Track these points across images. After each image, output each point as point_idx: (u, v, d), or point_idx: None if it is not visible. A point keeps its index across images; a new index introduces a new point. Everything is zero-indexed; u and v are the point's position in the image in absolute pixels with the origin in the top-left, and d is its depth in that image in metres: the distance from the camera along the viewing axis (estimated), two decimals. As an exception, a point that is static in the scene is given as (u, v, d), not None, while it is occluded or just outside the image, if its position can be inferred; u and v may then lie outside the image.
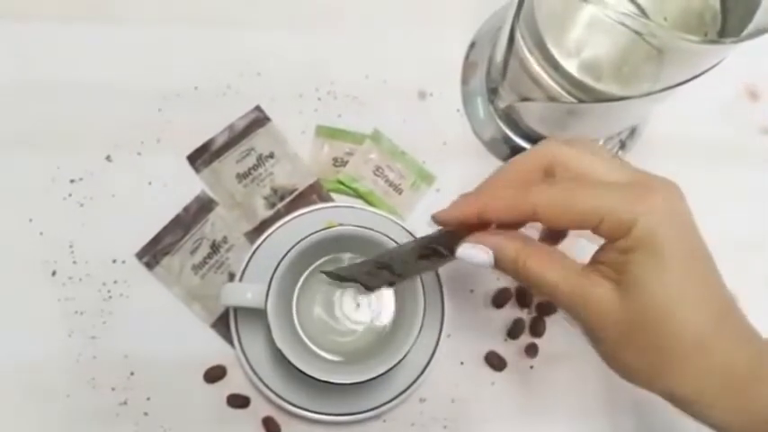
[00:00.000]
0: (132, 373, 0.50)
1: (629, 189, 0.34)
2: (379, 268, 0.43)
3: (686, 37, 0.34)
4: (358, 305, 0.49)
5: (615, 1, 0.41)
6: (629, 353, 0.34)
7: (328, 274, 0.46)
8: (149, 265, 0.51)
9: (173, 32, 0.55)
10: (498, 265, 0.37)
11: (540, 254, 0.36)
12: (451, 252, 0.38)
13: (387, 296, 0.49)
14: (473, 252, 0.37)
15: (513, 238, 0.37)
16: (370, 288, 0.46)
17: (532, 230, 0.41)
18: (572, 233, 0.42)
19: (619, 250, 0.33)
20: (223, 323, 0.50)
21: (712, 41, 0.37)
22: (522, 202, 0.35)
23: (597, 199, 0.33)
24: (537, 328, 0.52)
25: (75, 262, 0.51)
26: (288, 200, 0.52)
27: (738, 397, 0.33)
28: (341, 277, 0.46)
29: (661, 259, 0.32)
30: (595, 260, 0.36)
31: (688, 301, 0.33)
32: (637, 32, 0.37)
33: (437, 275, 0.49)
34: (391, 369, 0.44)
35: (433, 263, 0.41)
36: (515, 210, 0.35)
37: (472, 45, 0.57)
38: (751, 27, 0.36)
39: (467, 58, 0.56)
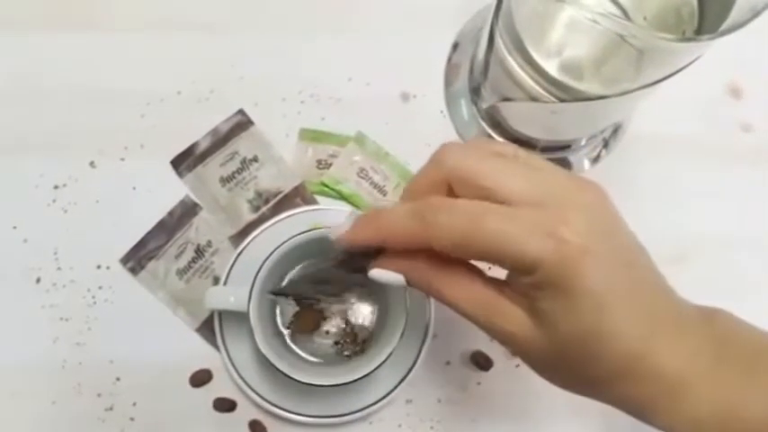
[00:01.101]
0: (118, 379, 0.49)
1: (535, 219, 0.29)
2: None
3: (663, 36, 0.35)
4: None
5: (595, 1, 0.41)
6: (557, 376, 0.33)
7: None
8: (134, 271, 0.50)
9: (155, 38, 0.55)
10: (413, 286, 0.34)
11: (452, 281, 0.33)
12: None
13: (370, 298, 0.49)
14: (385, 275, 0.34)
15: (422, 260, 0.33)
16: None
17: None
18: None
19: (526, 285, 0.31)
20: (208, 327, 0.50)
21: (689, 39, 0.37)
22: (421, 237, 0.31)
23: (497, 237, 0.29)
24: (523, 328, 0.52)
25: (59, 268, 0.51)
26: (272, 203, 0.52)
27: (680, 404, 0.31)
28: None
29: (571, 299, 0.29)
30: (509, 282, 0.33)
31: (610, 332, 0.30)
32: (615, 33, 0.37)
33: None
34: (375, 370, 0.44)
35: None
36: (416, 244, 0.32)
37: (455, 46, 0.57)
38: (727, 23, 0.37)
39: (449, 59, 0.56)
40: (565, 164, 0.55)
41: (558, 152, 0.54)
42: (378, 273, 0.34)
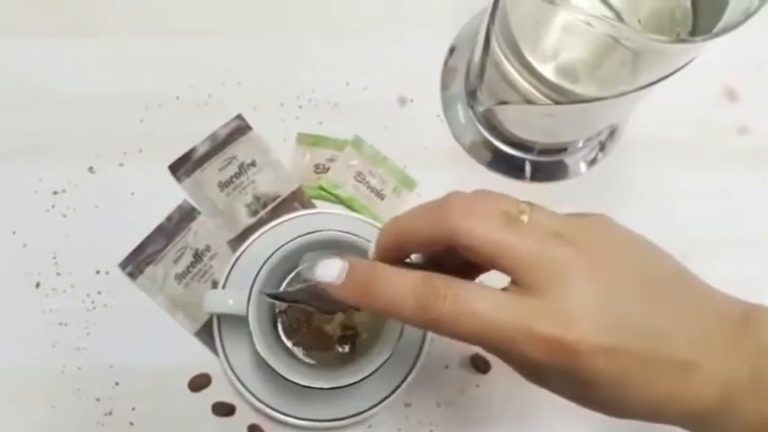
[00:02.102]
0: (117, 383, 0.50)
1: (542, 316, 0.30)
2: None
3: (657, 38, 0.35)
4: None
5: (589, 4, 0.42)
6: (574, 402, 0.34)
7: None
8: (133, 275, 0.51)
9: (153, 43, 0.55)
10: None
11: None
12: None
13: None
14: None
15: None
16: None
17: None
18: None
19: None
20: (207, 332, 0.50)
21: (682, 41, 0.37)
22: (421, 323, 0.31)
23: (505, 339, 0.30)
24: (521, 331, 0.52)
25: (58, 273, 0.51)
26: (270, 207, 0.53)
27: (722, 423, 0.32)
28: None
29: (585, 387, 0.31)
30: None
31: (633, 397, 0.31)
32: (609, 35, 0.37)
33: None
34: (374, 373, 0.44)
35: None
36: (416, 326, 0.32)
37: (452, 50, 0.57)
38: (721, 24, 0.37)
39: (446, 63, 0.57)
40: (561, 167, 0.55)
41: (554, 155, 0.55)
42: None
